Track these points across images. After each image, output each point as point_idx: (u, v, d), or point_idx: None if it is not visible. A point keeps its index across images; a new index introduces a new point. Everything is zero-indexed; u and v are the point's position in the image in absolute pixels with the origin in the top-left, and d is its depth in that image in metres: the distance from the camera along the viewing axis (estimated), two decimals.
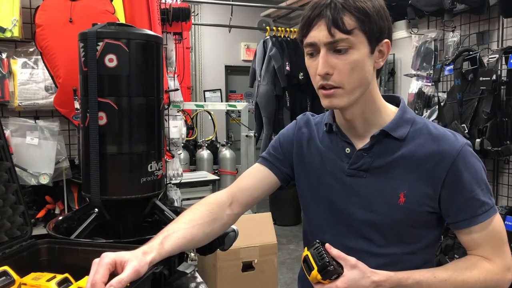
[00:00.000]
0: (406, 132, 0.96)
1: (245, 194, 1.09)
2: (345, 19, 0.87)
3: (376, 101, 0.98)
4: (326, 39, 0.88)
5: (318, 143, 1.06)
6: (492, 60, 2.63)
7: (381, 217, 0.95)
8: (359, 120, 0.98)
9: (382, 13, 0.90)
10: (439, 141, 0.94)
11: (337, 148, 1.02)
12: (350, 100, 0.93)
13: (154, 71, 1.32)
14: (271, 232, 2.86)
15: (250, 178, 1.11)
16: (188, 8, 2.63)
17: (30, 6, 2.10)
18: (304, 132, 1.10)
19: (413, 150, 0.94)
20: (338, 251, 0.88)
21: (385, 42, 0.92)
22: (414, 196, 0.93)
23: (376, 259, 0.95)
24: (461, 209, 0.93)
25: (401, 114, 0.98)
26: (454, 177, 0.92)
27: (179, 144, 2.47)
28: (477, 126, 2.71)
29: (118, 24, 1.35)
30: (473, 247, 0.96)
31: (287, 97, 4.98)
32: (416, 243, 0.97)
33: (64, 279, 0.95)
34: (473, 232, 0.94)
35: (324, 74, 0.90)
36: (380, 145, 0.96)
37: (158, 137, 1.36)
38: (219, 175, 4.55)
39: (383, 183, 0.95)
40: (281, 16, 6.30)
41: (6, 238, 1.12)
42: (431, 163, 0.93)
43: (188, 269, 1.10)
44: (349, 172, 0.99)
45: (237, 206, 1.08)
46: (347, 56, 0.89)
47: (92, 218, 1.30)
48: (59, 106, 2.02)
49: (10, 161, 1.16)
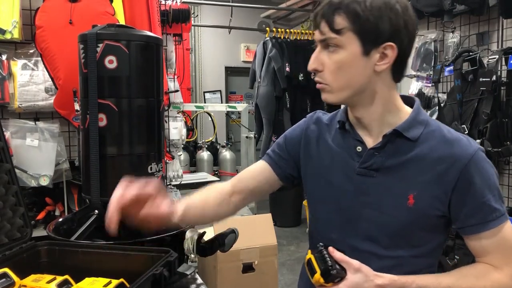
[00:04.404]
0: (419, 133, 0.94)
1: (243, 184, 1.15)
2: (335, 18, 0.88)
3: (387, 102, 0.96)
4: (318, 36, 0.91)
5: (329, 141, 1.04)
6: (492, 61, 2.63)
7: (389, 218, 0.94)
8: (366, 116, 0.97)
9: (383, 15, 0.87)
10: (452, 144, 0.92)
11: (348, 146, 1.00)
12: (338, 98, 0.94)
13: (154, 73, 1.32)
14: (272, 233, 2.85)
15: (249, 171, 1.17)
16: (188, 10, 2.64)
17: (30, 8, 2.10)
18: (314, 130, 1.09)
19: (425, 152, 0.93)
20: (341, 255, 0.87)
21: (388, 45, 0.89)
22: (424, 199, 0.92)
23: (381, 261, 0.94)
24: (471, 214, 0.91)
25: (415, 115, 0.96)
26: (465, 182, 0.90)
27: (179, 145, 2.47)
28: (477, 127, 2.70)
29: (118, 25, 1.35)
30: (482, 254, 0.94)
31: (287, 98, 4.98)
32: (422, 246, 0.96)
33: (64, 281, 0.95)
34: (482, 239, 0.92)
35: (312, 69, 0.93)
36: (392, 145, 0.95)
37: (158, 138, 1.36)
38: (219, 176, 4.56)
39: (393, 184, 0.94)
40: (281, 17, 6.30)
41: (6, 239, 1.12)
42: (443, 166, 0.91)
43: (188, 271, 1.10)
44: (359, 171, 0.97)
45: (237, 196, 1.14)
46: (335, 55, 0.90)
47: (92, 219, 1.30)
48: (59, 108, 2.02)
49: (10, 162, 1.16)
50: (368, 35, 0.88)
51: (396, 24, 0.88)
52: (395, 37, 0.89)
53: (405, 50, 0.91)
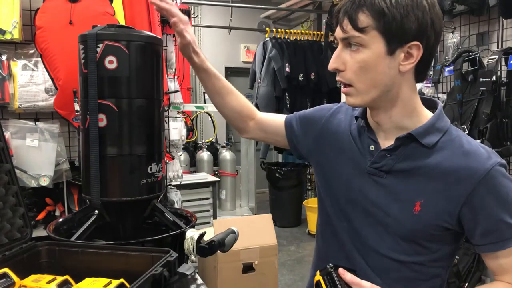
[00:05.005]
0: (435, 141, 0.91)
1: (264, 123, 1.26)
2: (359, 16, 0.84)
3: (407, 105, 0.92)
4: (340, 34, 0.88)
5: (349, 133, 1.03)
6: (492, 61, 2.63)
7: (394, 222, 0.92)
8: (385, 121, 0.94)
9: (409, 13, 0.83)
10: (468, 156, 0.88)
11: (363, 143, 0.99)
12: (363, 100, 0.90)
13: (154, 73, 1.32)
14: (272, 233, 2.85)
15: (274, 120, 1.25)
16: (188, 10, 2.64)
17: (30, 8, 2.10)
18: (340, 118, 1.08)
19: (439, 160, 0.89)
20: (351, 276, 0.84)
21: (413, 44, 0.85)
22: (430, 208, 0.89)
23: (382, 261, 0.94)
24: (487, 232, 0.87)
25: (434, 121, 0.92)
26: (478, 198, 0.86)
27: (179, 145, 2.47)
28: (477, 127, 2.70)
29: (118, 26, 1.35)
30: (500, 272, 0.90)
31: (287, 99, 4.98)
32: (425, 255, 0.93)
33: (64, 281, 0.95)
34: (500, 257, 0.88)
35: (333, 69, 0.90)
36: (405, 148, 0.92)
37: (158, 138, 1.36)
38: (219, 177, 4.55)
39: (402, 188, 0.92)
40: (281, 17, 6.31)
41: (6, 240, 1.12)
42: (455, 178, 0.87)
43: (188, 271, 1.10)
44: (370, 170, 0.95)
45: (253, 124, 1.26)
46: (357, 54, 0.86)
47: (92, 220, 1.30)
48: (59, 108, 2.02)
49: (10, 163, 1.17)
50: (393, 34, 0.84)
51: (423, 23, 0.84)
52: (421, 36, 0.85)
53: (431, 49, 0.88)
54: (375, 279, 0.92)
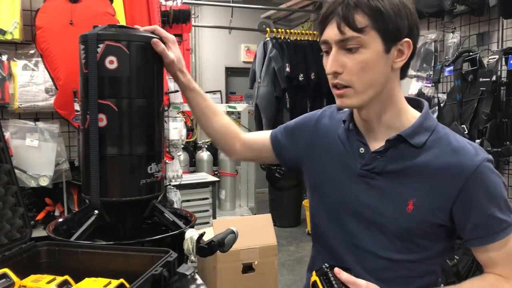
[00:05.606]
0: (424, 140, 0.93)
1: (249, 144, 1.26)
2: (356, 17, 0.85)
3: (395, 104, 0.95)
4: (336, 37, 0.87)
5: (336, 137, 1.04)
6: (492, 61, 2.63)
7: (388, 222, 0.93)
8: (375, 121, 0.96)
9: (401, 11, 0.87)
10: (457, 153, 0.90)
11: (352, 146, 1.00)
12: (361, 100, 0.91)
13: (155, 73, 1.32)
14: (271, 233, 2.85)
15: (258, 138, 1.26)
16: (188, 10, 2.64)
17: (30, 8, 2.10)
18: (325, 123, 1.09)
19: (429, 159, 0.91)
20: (347, 276, 0.85)
21: (405, 41, 0.89)
22: (423, 206, 0.91)
23: (377, 261, 0.95)
24: (477, 226, 0.90)
25: (422, 121, 0.94)
26: (468, 193, 0.88)
27: (179, 145, 2.47)
28: (477, 127, 2.70)
29: (118, 26, 1.35)
30: (490, 265, 0.93)
31: (287, 99, 4.98)
32: (420, 252, 0.94)
33: (64, 281, 0.95)
34: (489, 251, 0.91)
35: (332, 72, 0.90)
36: (395, 150, 0.94)
37: (158, 138, 1.36)
38: (219, 177, 4.55)
39: (394, 188, 0.93)
40: (281, 17, 6.31)
41: (6, 240, 1.12)
42: (445, 175, 0.89)
43: (188, 271, 1.10)
44: (361, 172, 0.97)
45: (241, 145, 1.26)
46: (357, 55, 0.87)
47: (92, 220, 1.30)
48: (59, 108, 2.02)
49: (10, 163, 1.17)
50: (389, 32, 0.87)
51: (412, 21, 0.90)
52: (411, 33, 0.90)
53: (415, 47, 0.92)
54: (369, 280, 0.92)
